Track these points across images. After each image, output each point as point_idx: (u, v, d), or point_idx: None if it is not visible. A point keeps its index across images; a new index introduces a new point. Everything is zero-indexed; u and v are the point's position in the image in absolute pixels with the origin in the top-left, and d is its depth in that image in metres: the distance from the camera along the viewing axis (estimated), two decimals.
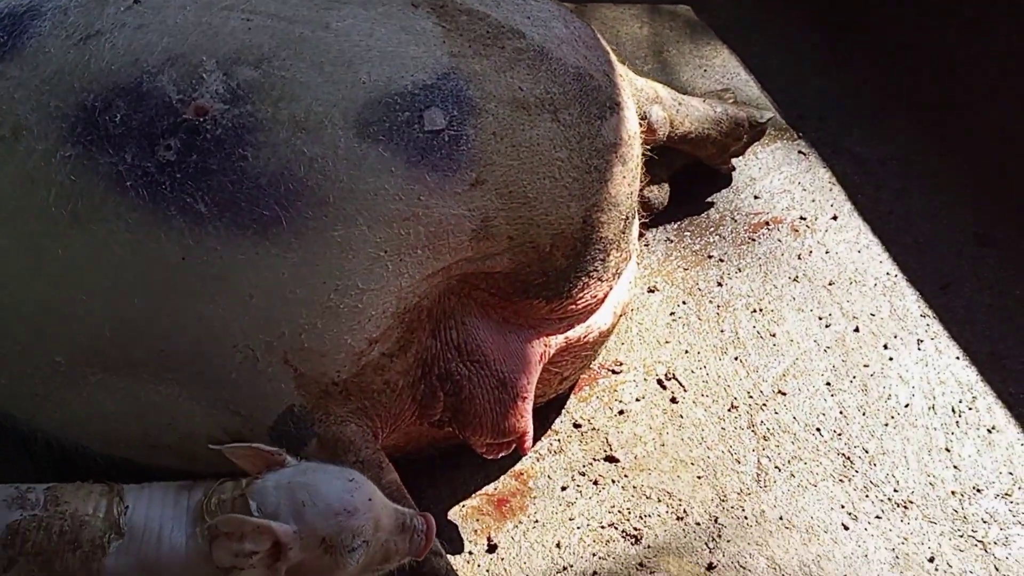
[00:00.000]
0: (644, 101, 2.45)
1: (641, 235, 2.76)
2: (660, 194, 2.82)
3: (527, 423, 2.02)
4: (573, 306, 2.04)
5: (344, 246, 1.73)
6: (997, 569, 2.07)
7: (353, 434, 1.81)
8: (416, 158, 1.78)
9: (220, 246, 1.69)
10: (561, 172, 1.91)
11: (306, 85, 1.79)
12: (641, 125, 2.22)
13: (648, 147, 2.37)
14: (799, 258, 2.80)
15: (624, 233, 2.09)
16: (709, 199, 2.98)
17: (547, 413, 2.34)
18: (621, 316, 2.26)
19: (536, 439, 2.23)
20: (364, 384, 1.81)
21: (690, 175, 2.96)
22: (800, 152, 3.15)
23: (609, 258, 2.05)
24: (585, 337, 2.13)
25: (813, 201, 2.98)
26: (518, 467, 2.25)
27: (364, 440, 1.81)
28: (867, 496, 2.22)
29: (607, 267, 2.06)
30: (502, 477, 2.23)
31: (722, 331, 2.59)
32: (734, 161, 3.06)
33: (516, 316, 1.99)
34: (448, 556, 2.04)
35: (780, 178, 3.07)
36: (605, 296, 2.13)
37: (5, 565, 1.45)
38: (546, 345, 2.03)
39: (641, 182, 2.64)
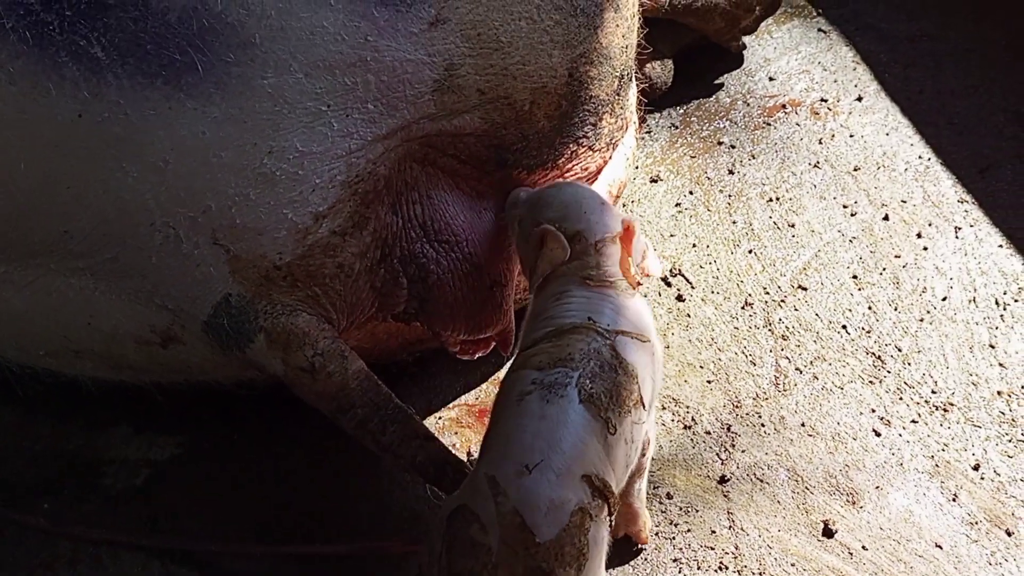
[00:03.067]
0: None
1: (643, 120, 2.47)
2: (664, 72, 2.50)
3: (507, 316, 1.74)
4: (560, 179, 1.74)
5: (277, 98, 1.44)
6: None
7: (306, 324, 1.54)
8: None
9: (123, 99, 1.40)
10: (540, 13, 1.61)
11: None
12: None
13: (649, 15, 2.06)
14: (820, 143, 2.50)
15: (619, 95, 1.79)
16: (718, 81, 2.68)
17: None
18: (617, 198, 1.96)
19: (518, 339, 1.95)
20: (312, 268, 1.53)
21: (697, 54, 2.65)
22: (820, 30, 2.84)
23: (601, 123, 1.76)
24: None
25: (835, 82, 2.67)
26: (500, 374, 1.99)
27: (320, 330, 1.55)
28: (901, 399, 1.94)
29: (599, 134, 1.76)
30: (483, 385, 1.98)
31: (734, 222, 2.30)
32: (746, 39, 2.74)
33: (493, 190, 1.71)
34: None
35: (798, 58, 2.75)
36: (598, 170, 1.84)
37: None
38: None
39: (642, 56, 2.33)
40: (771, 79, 2.69)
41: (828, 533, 1.73)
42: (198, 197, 1.45)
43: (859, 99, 2.62)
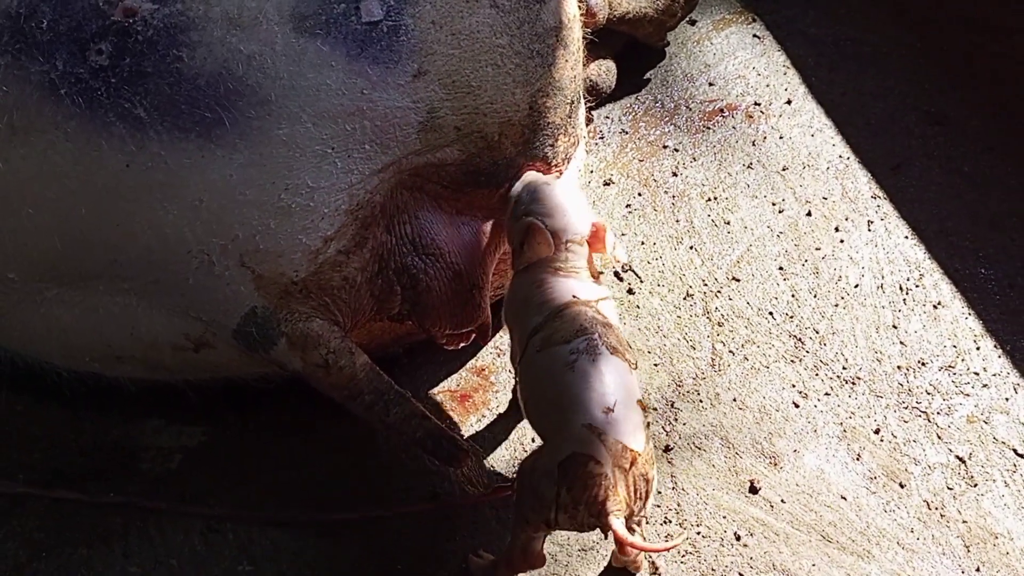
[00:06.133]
0: None
1: (589, 121, 2.75)
2: (607, 77, 2.80)
3: (485, 312, 2.05)
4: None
5: (290, 144, 1.73)
6: (939, 437, 2.17)
7: (320, 327, 1.84)
8: (356, 51, 1.76)
9: (164, 151, 1.68)
10: (503, 59, 1.90)
11: None
12: (580, 8, 2.19)
13: (588, 30, 2.36)
14: (753, 144, 2.81)
15: (571, 118, 2.09)
16: (664, 88, 2.96)
17: None
18: None
19: (495, 333, 2.26)
20: (323, 282, 1.83)
21: (644, 62, 2.94)
22: (755, 36, 3.12)
23: (558, 143, 2.06)
24: None
25: (767, 86, 2.97)
26: (479, 363, 2.30)
27: (331, 332, 1.85)
28: (817, 375, 2.29)
29: (556, 152, 2.07)
30: (464, 373, 2.27)
31: (677, 221, 2.62)
32: (689, 46, 3.04)
33: (469, 207, 2.00)
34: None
35: (735, 63, 3.04)
36: None
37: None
38: (499, 235, 2.06)
39: (584, 65, 2.62)
40: (711, 84, 2.99)
41: (753, 490, 2.08)
42: (227, 228, 1.74)
43: (788, 102, 2.92)
